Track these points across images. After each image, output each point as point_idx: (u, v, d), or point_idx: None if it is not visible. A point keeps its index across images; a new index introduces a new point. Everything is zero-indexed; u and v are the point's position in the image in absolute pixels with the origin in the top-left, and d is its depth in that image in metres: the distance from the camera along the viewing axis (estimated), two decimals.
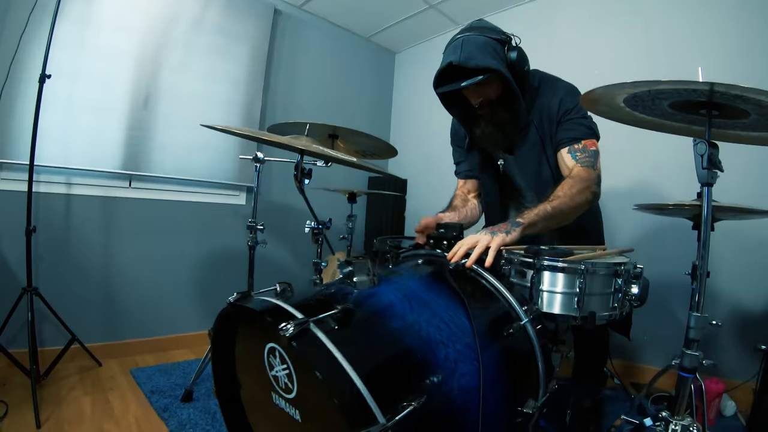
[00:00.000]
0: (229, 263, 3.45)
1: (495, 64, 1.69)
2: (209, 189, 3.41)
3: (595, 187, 1.77)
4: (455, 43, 1.75)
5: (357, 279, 1.16)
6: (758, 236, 2.50)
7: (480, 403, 1.05)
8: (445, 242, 1.58)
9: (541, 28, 3.52)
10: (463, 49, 1.70)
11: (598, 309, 1.52)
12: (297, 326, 0.90)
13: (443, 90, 1.82)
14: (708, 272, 1.33)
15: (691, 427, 1.27)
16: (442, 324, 1.14)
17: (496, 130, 1.89)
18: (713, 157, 1.09)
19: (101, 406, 2.23)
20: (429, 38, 4.47)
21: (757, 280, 2.51)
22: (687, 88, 1.01)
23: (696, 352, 1.24)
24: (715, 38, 2.71)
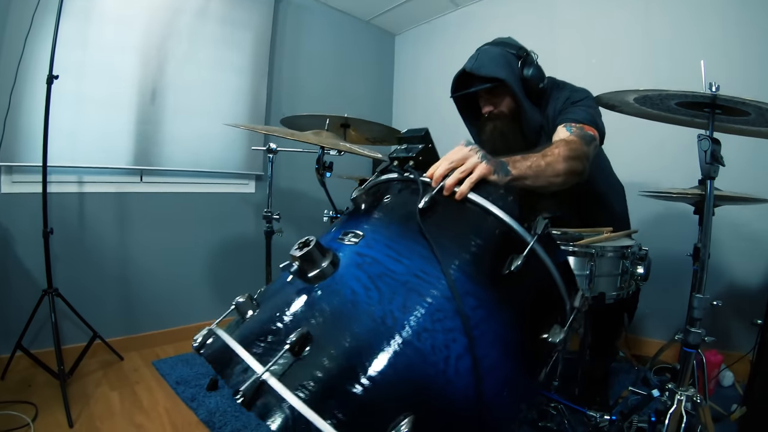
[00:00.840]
0: (241, 251, 3.52)
1: (503, 75, 1.77)
2: (219, 179, 3.46)
3: (586, 162, 1.59)
4: (473, 54, 1.89)
5: (311, 274, 0.92)
6: (754, 217, 2.62)
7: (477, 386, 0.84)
8: (412, 162, 1.20)
9: (542, 9, 3.54)
10: (477, 59, 1.83)
11: (607, 289, 1.62)
12: (251, 386, 0.74)
13: (456, 94, 1.98)
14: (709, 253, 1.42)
15: (695, 396, 1.38)
16: (422, 301, 0.86)
17: (501, 140, 1.91)
18: (716, 153, 1.17)
19: (129, 400, 2.31)
20: (429, 20, 4.47)
21: (752, 259, 2.65)
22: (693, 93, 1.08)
23: (699, 330, 1.34)
24: (715, 21, 2.78)
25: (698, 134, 1.21)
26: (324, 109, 2.54)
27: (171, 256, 3.18)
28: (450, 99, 2.15)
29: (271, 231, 2.67)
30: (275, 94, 3.76)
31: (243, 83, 3.50)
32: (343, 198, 2.16)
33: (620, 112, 1.57)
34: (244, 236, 3.55)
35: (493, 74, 1.77)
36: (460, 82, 1.92)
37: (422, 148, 1.24)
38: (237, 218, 3.55)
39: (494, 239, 0.99)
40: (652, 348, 2.79)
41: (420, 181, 1.07)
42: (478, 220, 1.01)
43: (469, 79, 1.86)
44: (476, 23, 4.10)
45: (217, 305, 3.40)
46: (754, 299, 2.57)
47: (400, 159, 1.22)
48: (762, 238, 2.56)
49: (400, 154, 1.23)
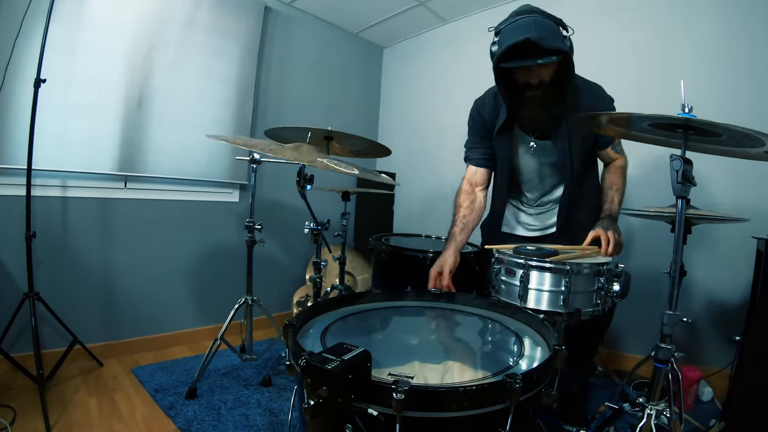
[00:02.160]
0: (224, 260, 3.52)
1: (565, 48, 1.74)
2: (203, 188, 3.45)
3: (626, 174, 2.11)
4: (526, 22, 1.74)
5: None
6: (731, 236, 2.67)
7: None
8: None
9: None
10: (537, 29, 1.71)
11: (582, 305, 1.63)
12: None
13: (516, 65, 1.80)
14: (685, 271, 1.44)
15: (665, 411, 1.39)
16: None
17: (543, 111, 1.96)
18: (687, 173, 1.20)
19: (108, 407, 2.29)
20: (416, 34, 4.54)
21: (730, 276, 2.69)
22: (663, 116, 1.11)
23: (669, 346, 1.37)
24: (696, 44, 2.86)
25: (671, 154, 1.24)
26: (310, 121, 2.55)
27: (153, 263, 3.17)
28: (428, 109, 2.19)
29: (253, 241, 2.69)
30: (261, 105, 3.77)
31: (229, 93, 3.51)
32: (324, 209, 2.19)
33: (596, 131, 1.60)
34: (226, 245, 3.55)
35: (558, 47, 1.71)
36: (513, 51, 1.75)
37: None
38: (220, 227, 3.55)
39: None
40: (632, 363, 2.81)
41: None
42: None
43: (523, 48, 1.73)
44: (463, 38, 4.17)
45: (198, 314, 3.41)
46: (732, 316, 2.62)
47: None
48: (739, 256, 2.60)
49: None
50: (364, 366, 0.89)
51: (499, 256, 1.78)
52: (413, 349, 1.35)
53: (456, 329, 1.60)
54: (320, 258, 2.50)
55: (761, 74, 2.64)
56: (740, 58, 2.71)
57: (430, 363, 1.16)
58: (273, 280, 3.82)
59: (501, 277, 1.77)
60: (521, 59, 1.75)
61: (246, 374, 2.75)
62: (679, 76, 1.60)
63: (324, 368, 0.82)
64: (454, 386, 0.89)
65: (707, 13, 2.82)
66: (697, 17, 2.86)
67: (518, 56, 1.74)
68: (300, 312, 1.34)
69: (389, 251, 2.63)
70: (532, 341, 1.35)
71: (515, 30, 1.74)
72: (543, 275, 1.65)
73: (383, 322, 1.59)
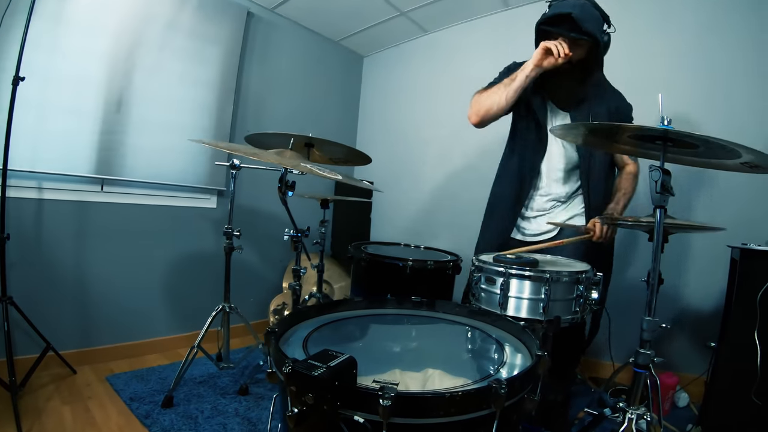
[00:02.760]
0: (200, 267, 3.48)
1: (599, 36, 1.98)
2: (180, 193, 3.40)
3: (638, 182, 2.29)
4: (574, 2, 1.99)
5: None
6: (707, 245, 2.75)
7: None
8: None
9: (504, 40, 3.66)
10: (583, 11, 1.95)
11: (561, 313, 1.66)
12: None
13: (553, 30, 2.02)
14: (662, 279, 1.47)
15: (645, 415, 1.43)
16: None
17: (562, 86, 2.20)
18: (666, 183, 1.23)
19: (82, 416, 2.23)
20: (397, 44, 4.58)
21: (706, 285, 2.76)
22: (643, 127, 1.14)
23: (648, 351, 1.40)
24: (675, 56, 2.96)
25: (650, 165, 1.27)
26: (289, 127, 2.56)
27: (128, 268, 3.10)
28: (407, 119, 2.23)
29: (231, 247, 2.67)
30: (241, 110, 3.75)
31: (209, 98, 3.48)
32: (303, 217, 2.18)
33: (577, 143, 1.64)
34: (203, 252, 3.50)
35: (592, 31, 1.95)
36: (556, 19, 2.01)
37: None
38: (197, 233, 3.50)
39: None
40: (608, 370, 2.87)
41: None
42: None
43: (563, 20, 1.98)
44: (443, 50, 4.22)
45: (173, 321, 3.35)
46: (708, 323, 2.68)
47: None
48: (715, 264, 2.66)
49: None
50: (350, 373, 0.88)
51: (479, 264, 1.80)
52: (394, 357, 1.35)
53: (436, 337, 1.60)
54: (300, 265, 2.49)
55: (735, 86, 2.72)
56: (714, 69, 2.81)
57: (411, 371, 1.16)
58: (249, 287, 3.77)
59: (481, 285, 1.78)
60: (559, 27, 2.00)
61: (223, 383, 2.71)
62: (653, 88, 1.66)
63: (310, 375, 0.82)
64: (441, 392, 0.90)
65: (682, 26, 2.92)
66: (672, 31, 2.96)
67: (558, 25, 2.00)
68: (281, 319, 1.33)
69: (369, 259, 2.62)
70: (512, 348, 1.36)
71: (565, 4, 1.99)
72: (523, 283, 1.68)
73: (364, 330, 1.59)
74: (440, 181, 4.18)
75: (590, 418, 1.96)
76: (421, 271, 2.46)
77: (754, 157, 1.16)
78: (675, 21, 2.96)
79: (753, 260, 1.94)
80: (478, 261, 1.82)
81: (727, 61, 2.76)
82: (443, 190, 4.16)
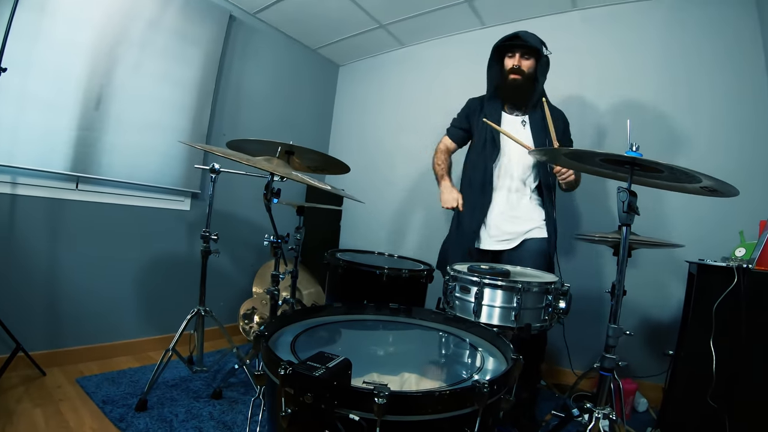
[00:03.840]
0: (173, 269, 3.47)
1: (541, 50, 2.50)
2: (155, 194, 3.37)
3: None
4: (517, 31, 2.54)
5: None
6: (666, 260, 2.94)
7: None
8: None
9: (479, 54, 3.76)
10: (526, 33, 2.52)
11: (532, 321, 1.76)
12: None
13: (506, 44, 2.55)
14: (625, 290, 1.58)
15: (611, 414, 1.53)
16: None
17: (516, 93, 2.56)
18: (632, 204, 1.35)
19: (54, 419, 2.19)
20: (374, 54, 4.68)
21: (664, 296, 2.95)
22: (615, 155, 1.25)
23: (613, 356, 1.50)
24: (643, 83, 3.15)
25: (618, 186, 1.38)
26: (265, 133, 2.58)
27: (101, 268, 3.06)
28: (380, 129, 2.37)
29: (208, 251, 2.68)
30: (218, 113, 3.75)
31: (188, 99, 3.47)
32: (278, 223, 2.23)
33: (552, 163, 1.77)
34: (175, 254, 3.49)
35: (536, 45, 2.48)
36: (508, 40, 2.55)
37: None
38: (170, 235, 3.48)
39: None
40: (572, 378, 2.99)
41: None
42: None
43: (514, 42, 2.52)
44: (417, 62, 4.33)
45: (144, 323, 3.32)
46: (664, 332, 2.84)
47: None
48: (673, 277, 2.83)
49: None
50: (345, 373, 0.95)
51: (454, 273, 1.88)
52: (372, 361, 1.40)
53: (413, 342, 1.66)
54: (278, 271, 2.53)
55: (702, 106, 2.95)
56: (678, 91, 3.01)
57: (388, 375, 1.22)
58: (219, 291, 3.75)
59: (456, 293, 1.87)
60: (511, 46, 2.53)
61: (195, 386, 2.70)
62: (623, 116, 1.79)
63: (312, 376, 0.87)
64: (431, 391, 0.97)
65: (648, 52, 3.11)
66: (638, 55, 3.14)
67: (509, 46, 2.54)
68: (268, 323, 1.38)
69: (346, 266, 2.68)
70: (486, 353, 1.44)
71: (511, 34, 2.55)
72: (495, 292, 1.77)
73: (343, 335, 1.64)
74: (410, 191, 4.27)
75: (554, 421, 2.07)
76: (397, 280, 2.53)
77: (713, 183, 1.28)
78: (641, 48, 3.16)
79: (709, 275, 2.10)
80: (453, 270, 1.91)
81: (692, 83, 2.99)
82: (413, 198, 4.25)
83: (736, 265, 1.96)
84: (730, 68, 2.86)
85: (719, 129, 2.88)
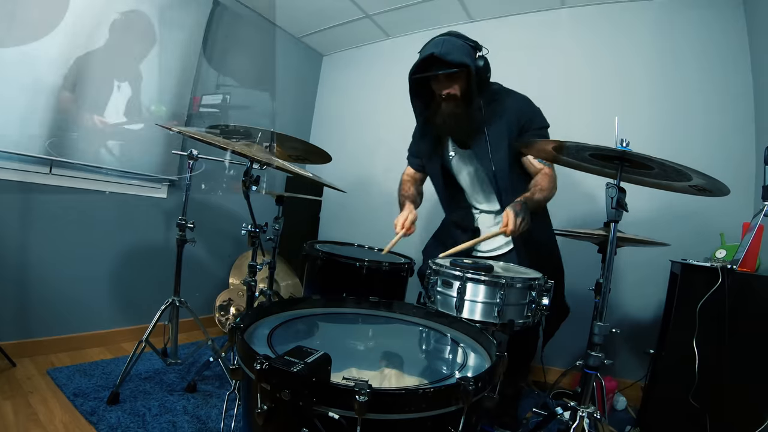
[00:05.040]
0: (147, 258, 3.38)
1: (469, 62, 2.00)
2: (131, 180, 3.26)
3: (556, 187, 2.16)
4: (437, 41, 2.07)
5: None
6: (649, 258, 2.95)
7: None
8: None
9: None
10: (443, 46, 2.01)
11: (515, 317, 1.73)
12: None
13: (421, 74, 2.11)
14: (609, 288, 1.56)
15: (595, 413, 1.51)
16: None
17: (452, 120, 2.18)
18: (621, 200, 1.33)
19: (24, 411, 2.11)
20: (358, 45, 4.62)
21: (645, 294, 2.97)
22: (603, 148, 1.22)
23: (599, 354, 1.48)
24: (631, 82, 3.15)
25: (606, 182, 1.36)
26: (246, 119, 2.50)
27: (74, 256, 2.96)
28: (362, 120, 2.26)
29: (184, 239, 2.61)
30: None
31: (169, 83, 3.37)
32: (257, 212, 2.18)
33: (540, 158, 1.73)
34: (151, 243, 3.40)
35: (459, 60, 1.98)
36: (423, 64, 2.08)
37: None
38: (146, 223, 3.39)
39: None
40: (551, 375, 2.98)
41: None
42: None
43: (431, 63, 2.04)
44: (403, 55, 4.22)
45: (116, 313, 3.23)
46: (644, 331, 2.85)
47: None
48: (654, 276, 2.83)
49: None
50: (325, 369, 0.90)
51: (436, 267, 1.85)
52: (350, 355, 1.36)
53: (393, 337, 1.62)
54: (256, 261, 2.47)
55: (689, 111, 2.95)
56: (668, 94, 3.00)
57: (368, 370, 1.18)
58: (194, 282, 3.64)
59: (437, 288, 1.83)
60: (425, 72, 2.08)
61: (169, 379, 2.64)
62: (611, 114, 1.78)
63: (289, 371, 0.83)
64: (415, 388, 0.93)
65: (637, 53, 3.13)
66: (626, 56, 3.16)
67: (427, 69, 2.08)
68: (244, 315, 1.33)
69: (325, 258, 2.63)
70: (469, 349, 1.41)
71: (426, 47, 2.09)
72: (478, 287, 1.74)
73: (321, 328, 1.59)
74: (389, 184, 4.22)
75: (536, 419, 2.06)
76: (377, 272, 2.49)
77: (704, 181, 1.26)
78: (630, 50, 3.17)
79: (694, 274, 2.11)
80: (435, 264, 1.87)
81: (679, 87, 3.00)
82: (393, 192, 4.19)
83: (721, 266, 1.97)
84: (719, 69, 2.89)
85: (705, 129, 2.90)
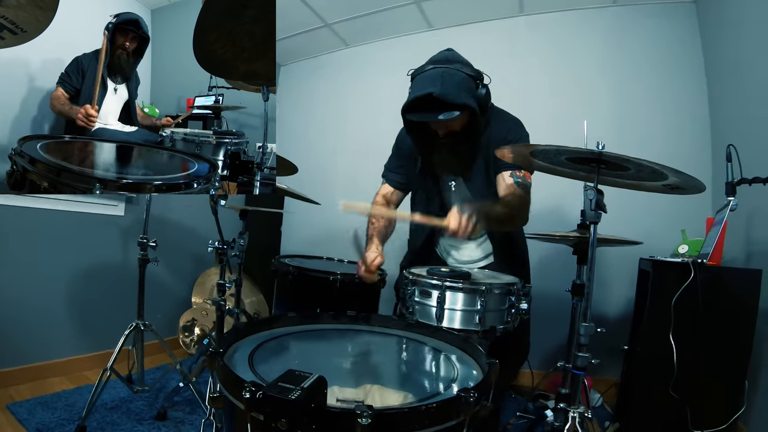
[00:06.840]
0: (106, 279, 3.23)
1: (471, 103, 1.79)
2: (86, 198, 3.08)
3: (528, 212, 1.99)
4: (433, 74, 1.80)
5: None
6: (618, 257, 3.05)
7: None
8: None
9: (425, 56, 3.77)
10: (443, 83, 1.75)
11: (495, 323, 1.72)
12: None
13: (418, 119, 1.88)
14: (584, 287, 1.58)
15: (586, 413, 1.54)
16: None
17: (453, 158, 2.02)
18: (600, 202, 1.36)
19: None
20: (316, 55, 4.61)
21: (609, 292, 3.07)
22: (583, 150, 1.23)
23: (586, 354, 1.49)
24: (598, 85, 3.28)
25: (585, 184, 1.37)
26: None
27: (29, 279, 2.80)
28: (321, 131, 2.19)
29: (146, 259, 2.51)
30: None
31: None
32: (213, 227, 2.12)
33: (517, 163, 1.75)
34: (109, 263, 3.25)
35: (463, 102, 1.76)
36: (419, 102, 1.81)
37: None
38: (103, 243, 3.24)
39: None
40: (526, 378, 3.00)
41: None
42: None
43: (430, 101, 1.78)
44: (362, 64, 4.30)
45: (76, 339, 3.07)
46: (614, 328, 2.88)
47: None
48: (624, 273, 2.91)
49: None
50: (321, 392, 0.86)
51: (414, 278, 1.82)
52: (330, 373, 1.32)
53: (373, 352, 1.59)
54: (224, 279, 2.40)
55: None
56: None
57: (349, 387, 1.14)
58: (156, 303, 3.48)
59: (415, 298, 1.80)
60: (425, 112, 1.82)
61: (137, 408, 2.51)
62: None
63: (287, 399, 0.78)
64: (417, 405, 0.90)
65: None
66: None
67: (424, 108, 1.81)
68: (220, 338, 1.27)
69: (296, 273, 2.58)
70: (454, 359, 1.39)
71: (423, 82, 1.81)
72: (457, 295, 1.71)
73: (299, 346, 1.53)
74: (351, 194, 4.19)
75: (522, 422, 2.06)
76: (350, 285, 2.45)
77: (679, 179, 1.29)
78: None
79: (666, 270, 2.19)
80: (411, 274, 1.84)
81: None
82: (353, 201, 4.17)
83: (692, 261, 2.04)
84: (675, 73, 3.03)
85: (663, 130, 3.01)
